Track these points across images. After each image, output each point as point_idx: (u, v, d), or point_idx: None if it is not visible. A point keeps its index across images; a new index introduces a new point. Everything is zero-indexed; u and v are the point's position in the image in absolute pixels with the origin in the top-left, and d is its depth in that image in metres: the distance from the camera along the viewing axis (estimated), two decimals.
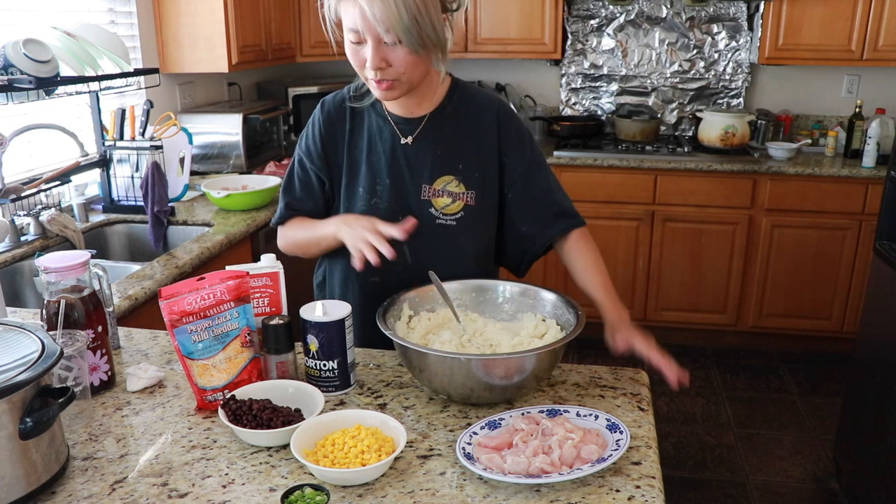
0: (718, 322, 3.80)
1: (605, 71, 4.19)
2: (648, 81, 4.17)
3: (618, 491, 1.01)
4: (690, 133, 4.17)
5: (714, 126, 3.75)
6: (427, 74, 1.39)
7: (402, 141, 1.45)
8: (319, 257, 1.64)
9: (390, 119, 1.46)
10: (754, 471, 2.85)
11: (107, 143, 2.56)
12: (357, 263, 1.32)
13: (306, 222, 1.52)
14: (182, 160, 2.69)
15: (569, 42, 4.16)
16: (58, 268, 1.22)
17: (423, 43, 1.27)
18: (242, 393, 1.18)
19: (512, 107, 1.54)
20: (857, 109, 3.69)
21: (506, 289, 1.41)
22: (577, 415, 1.15)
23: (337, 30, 1.33)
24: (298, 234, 1.52)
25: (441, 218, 1.46)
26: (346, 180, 1.49)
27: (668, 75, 4.14)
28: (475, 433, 1.10)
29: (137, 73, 2.48)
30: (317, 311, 1.24)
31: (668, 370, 1.25)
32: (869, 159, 3.49)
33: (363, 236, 1.32)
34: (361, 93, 1.47)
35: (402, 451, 1.05)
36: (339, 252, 1.52)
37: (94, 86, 2.31)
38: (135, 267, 2.12)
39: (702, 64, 4.08)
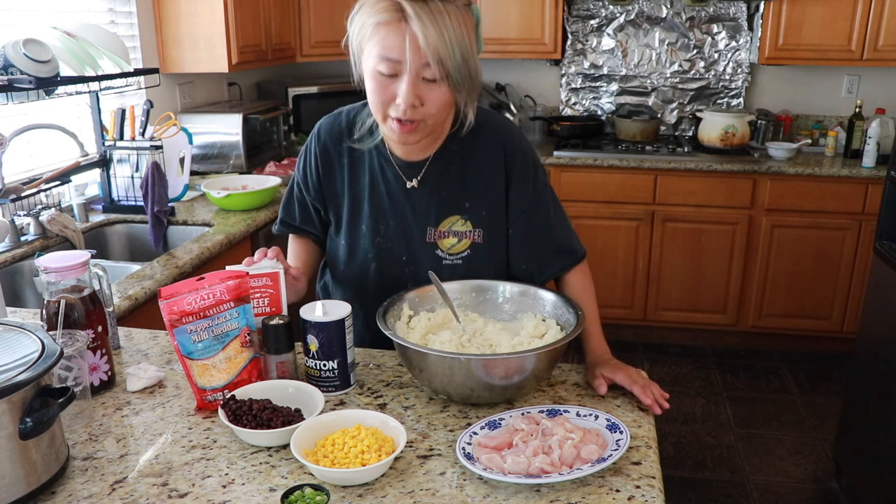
0: (718, 322, 3.80)
1: (605, 71, 4.19)
2: (648, 81, 4.17)
3: (618, 491, 1.01)
4: (690, 133, 4.17)
5: (714, 126, 3.75)
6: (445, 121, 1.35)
7: (408, 185, 1.41)
8: (320, 266, 1.62)
9: (393, 161, 1.41)
10: (754, 471, 2.85)
11: (107, 143, 2.56)
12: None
13: (295, 250, 1.57)
14: (182, 160, 2.69)
15: (569, 42, 4.16)
16: (58, 268, 1.22)
17: (467, 83, 1.22)
18: (242, 393, 1.18)
19: (520, 132, 1.49)
20: (857, 109, 3.69)
21: (506, 289, 1.41)
22: (577, 415, 1.15)
23: (359, 60, 1.28)
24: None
25: (448, 259, 1.43)
26: (349, 214, 1.46)
27: (668, 75, 4.14)
28: (475, 433, 1.10)
29: (137, 73, 2.47)
30: (317, 311, 1.24)
31: (648, 399, 1.21)
32: (869, 159, 3.49)
33: None
34: (362, 134, 1.41)
35: (402, 451, 1.05)
36: (344, 278, 1.50)
37: (94, 86, 2.31)
38: (135, 267, 2.12)
39: (702, 64, 4.08)
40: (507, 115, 3.78)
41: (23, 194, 2.19)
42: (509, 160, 1.42)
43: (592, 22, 4.11)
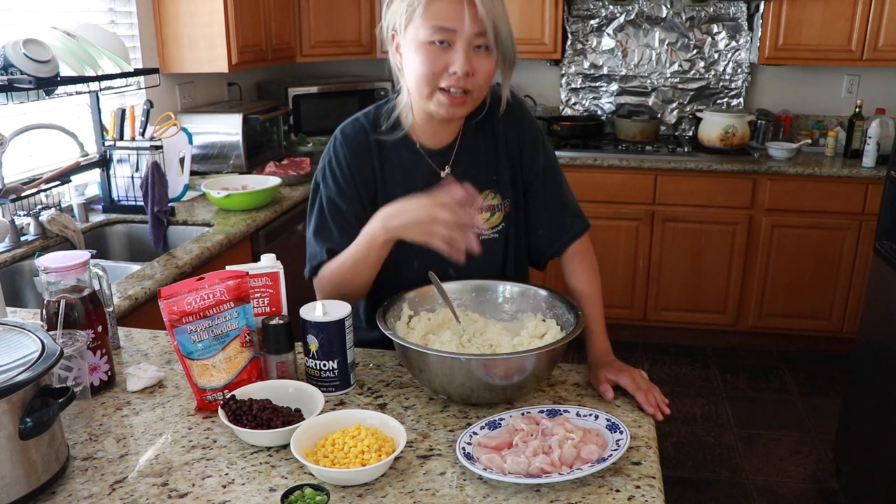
0: (718, 322, 3.80)
1: (605, 71, 4.19)
2: (648, 81, 4.17)
3: (618, 491, 1.01)
4: (690, 133, 4.17)
5: (714, 126, 3.75)
6: None
7: (443, 174, 1.42)
8: None
9: (423, 152, 1.41)
10: (754, 471, 2.85)
11: (107, 143, 2.56)
12: (454, 252, 1.19)
13: (338, 256, 1.37)
14: (182, 160, 2.69)
15: (569, 42, 4.16)
16: (58, 268, 1.22)
17: (509, 51, 1.28)
18: (242, 393, 1.18)
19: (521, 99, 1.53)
20: (857, 109, 3.68)
21: (506, 289, 1.41)
22: (577, 415, 1.15)
23: (401, 37, 1.28)
24: (343, 265, 1.35)
25: (485, 233, 1.43)
26: None
27: (668, 75, 4.14)
28: (475, 433, 1.10)
29: (137, 73, 2.47)
30: (317, 311, 1.24)
31: (651, 408, 1.21)
32: (869, 159, 3.49)
33: (445, 220, 1.17)
34: (389, 126, 1.39)
35: (402, 451, 1.05)
36: (382, 275, 1.38)
37: (94, 86, 2.31)
38: (135, 267, 2.12)
39: (702, 64, 4.08)
40: None
41: (23, 194, 2.19)
42: (519, 125, 1.46)
43: (592, 22, 4.11)
